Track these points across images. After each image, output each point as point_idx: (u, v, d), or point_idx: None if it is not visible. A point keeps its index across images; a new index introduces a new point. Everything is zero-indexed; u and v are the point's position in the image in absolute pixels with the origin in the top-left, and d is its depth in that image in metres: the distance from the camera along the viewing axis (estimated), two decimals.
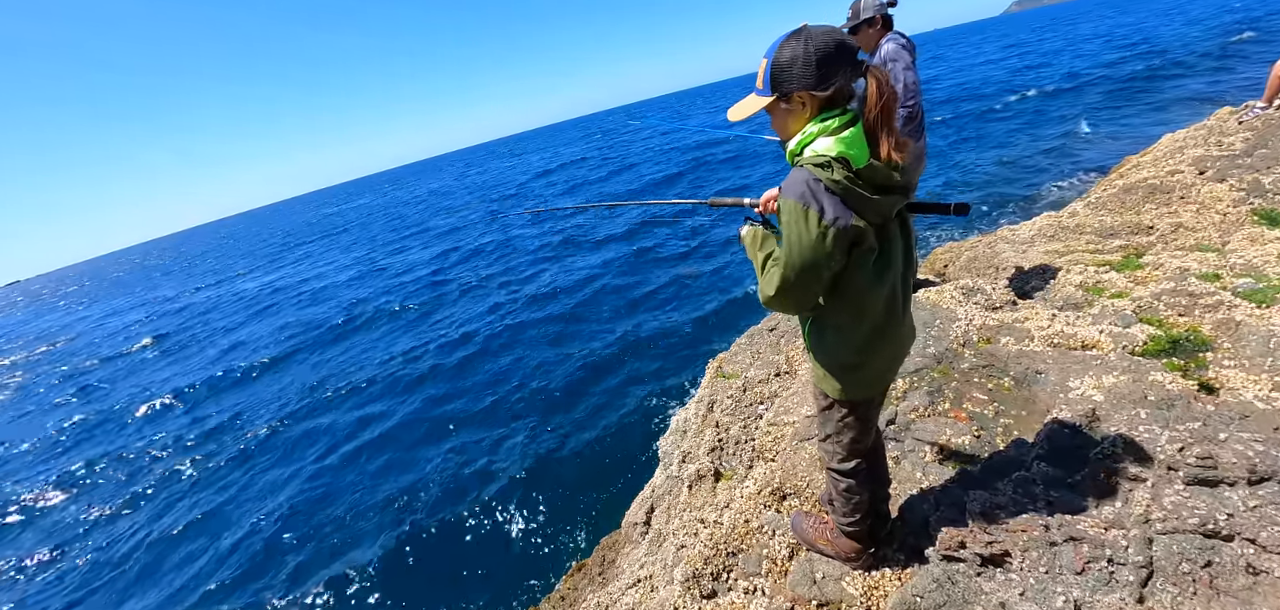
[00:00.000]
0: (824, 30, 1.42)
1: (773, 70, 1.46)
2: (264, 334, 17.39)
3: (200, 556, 7.25)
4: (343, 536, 6.94)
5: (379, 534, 6.87)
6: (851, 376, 1.66)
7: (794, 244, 1.42)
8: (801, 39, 1.41)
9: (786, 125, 1.52)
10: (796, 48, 1.41)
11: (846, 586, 2.03)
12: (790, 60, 1.42)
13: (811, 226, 1.38)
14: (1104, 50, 33.25)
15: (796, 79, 1.42)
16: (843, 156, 1.38)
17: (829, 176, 1.37)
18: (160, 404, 13.24)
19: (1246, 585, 1.63)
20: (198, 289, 33.46)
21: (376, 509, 7.32)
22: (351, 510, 7.41)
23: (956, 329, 3.32)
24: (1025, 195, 12.35)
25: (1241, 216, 4.12)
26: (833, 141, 1.40)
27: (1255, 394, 2.33)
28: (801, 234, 1.40)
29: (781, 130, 1.55)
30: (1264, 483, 1.82)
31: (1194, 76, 19.66)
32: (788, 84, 1.44)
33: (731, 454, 3.51)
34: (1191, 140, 5.78)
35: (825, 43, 1.39)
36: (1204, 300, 3.10)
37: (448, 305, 14.88)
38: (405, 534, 6.73)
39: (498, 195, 36.27)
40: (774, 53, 1.45)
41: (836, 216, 1.37)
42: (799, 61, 1.41)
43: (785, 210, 1.44)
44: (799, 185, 1.41)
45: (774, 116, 1.53)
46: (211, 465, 9.56)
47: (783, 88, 1.45)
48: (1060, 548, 1.82)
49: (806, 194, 1.38)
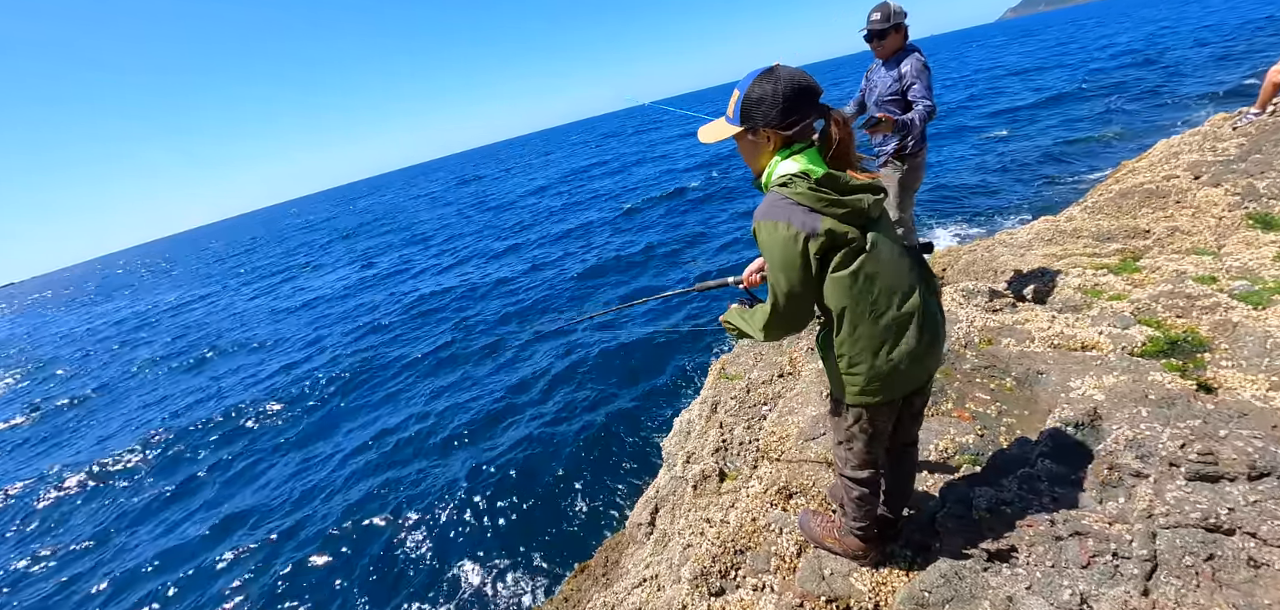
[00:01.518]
0: (791, 73, 1.53)
1: (743, 104, 1.57)
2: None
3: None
4: (339, 536, 6.94)
5: (378, 531, 6.87)
6: (854, 380, 1.64)
7: (775, 262, 1.52)
8: (772, 79, 1.52)
9: (754, 156, 1.64)
10: (766, 87, 1.52)
11: (855, 582, 2.06)
12: (759, 98, 1.53)
13: (782, 237, 1.48)
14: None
15: (763, 116, 1.54)
16: (804, 171, 1.50)
17: (792, 191, 1.48)
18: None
19: (1248, 578, 1.67)
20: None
21: (374, 507, 7.33)
22: (348, 507, 7.42)
23: (958, 331, 3.37)
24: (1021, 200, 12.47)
25: (1236, 220, 4.19)
26: (793, 161, 1.54)
27: (1253, 393, 2.38)
28: (777, 248, 1.50)
29: (749, 159, 1.67)
30: (1264, 478, 1.86)
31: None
32: (755, 119, 1.56)
33: (736, 454, 3.54)
34: (1186, 146, 5.85)
35: (792, 86, 1.51)
36: (1201, 302, 3.15)
37: (447, 312, 14.87)
38: (407, 534, 6.73)
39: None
40: (746, 87, 1.56)
41: (804, 224, 1.47)
42: (767, 100, 1.52)
43: (761, 233, 1.54)
44: (769, 207, 1.52)
45: (741, 146, 1.66)
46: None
47: (751, 122, 1.57)
48: (1065, 542, 1.86)
49: (775, 211, 1.50)
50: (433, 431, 8.91)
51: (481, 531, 6.49)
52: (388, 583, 6.11)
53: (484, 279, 17.17)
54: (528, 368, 10.36)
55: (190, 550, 7.54)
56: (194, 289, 35.69)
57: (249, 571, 6.78)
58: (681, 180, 27.07)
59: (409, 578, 6.11)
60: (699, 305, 11.20)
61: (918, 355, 1.61)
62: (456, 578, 5.95)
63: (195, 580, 6.90)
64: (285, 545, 7.08)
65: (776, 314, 1.58)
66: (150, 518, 8.58)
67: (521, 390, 9.59)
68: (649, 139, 59.41)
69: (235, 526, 7.81)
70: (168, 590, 6.84)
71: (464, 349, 11.96)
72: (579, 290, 13.94)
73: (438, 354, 12.15)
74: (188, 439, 10.95)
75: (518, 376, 10.15)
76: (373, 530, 7.00)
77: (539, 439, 8.05)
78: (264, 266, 38.70)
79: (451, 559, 6.23)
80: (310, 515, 7.53)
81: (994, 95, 28.98)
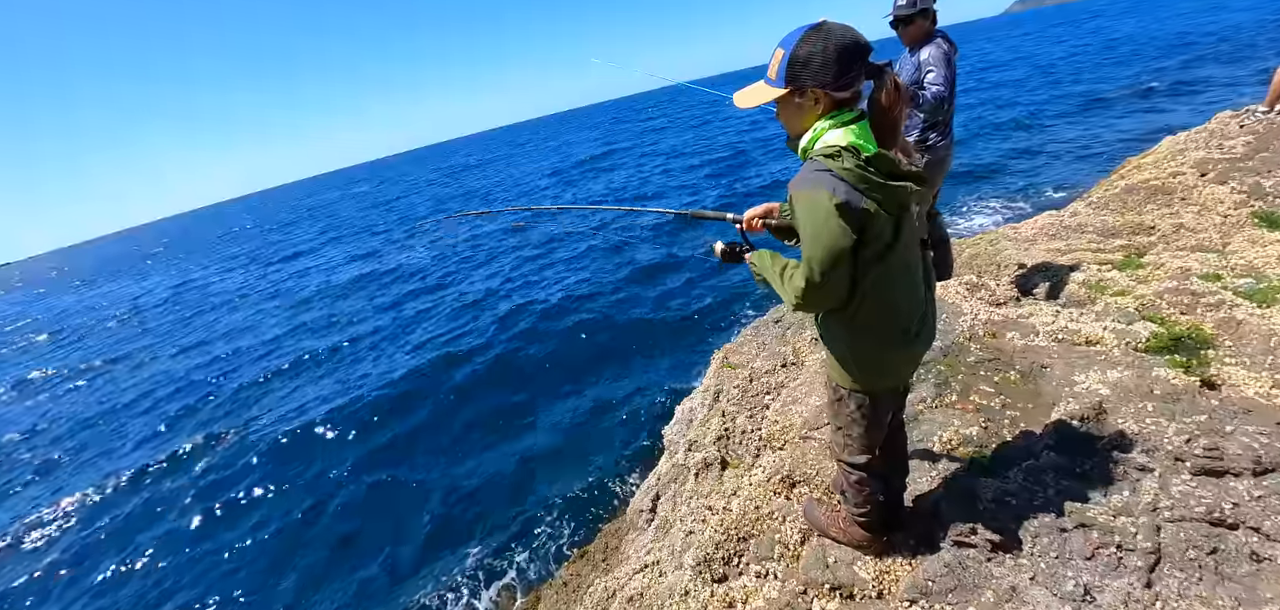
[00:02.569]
0: (843, 28, 1.42)
1: (789, 63, 1.46)
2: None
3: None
4: (343, 520, 6.97)
5: (375, 509, 6.92)
6: (862, 367, 1.67)
7: (813, 234, 1.43)
8: (821, 35, 1.42)
9: (796, 120, 1.53)
10: (815, 43, 1.42)
11: (859, 571, 2.07)
12: (809, 56, 1.43)
13: (823, 207, 1.39)
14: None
15: (814, 75, 1.43)
16: (853, 146, 1.40)
17: (839, 165, 1.39)
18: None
19: (1250, 572, 1.68)
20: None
21: (370, 485, 7.37)
22: (352, 494, 7.44)
23: (962, 323, 3.37)
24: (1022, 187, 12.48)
25: (1242, 218, 4.18)
26: (843, 133, 1.43)
27: (1257, 391, 2.39)
28: (817, 220, 1.41)
29: (790, 125, 1.56)
30: (1268, 474, 1.87)
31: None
32: (803, 79, 1.45)
33: (738, 443, 3.55)
34: (1193, 143, 5.84)
35: (845, 41, 1.40)
36: (1206, 299, 3.16)
37: (447, 302, 14.85)
38: (404, 517, 6.77)
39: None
40: (792, 45, 1.45)
41: (846, 197, 1.39)
42: (817, 58, 1.42)
43: (799, 202, 1.46)
44: (810, 176, 1.43)
45: (783, 109, 1.54)
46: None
47: (798, 82, 1.46)
48: (1070, 534, 1.87)
49: (817, 181, 1.41)
50: (434, 420, 8.93)
51: (479, 515, 6.51)
52: (384, 561, 6.13)
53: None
54: (528, 354, 10.36)
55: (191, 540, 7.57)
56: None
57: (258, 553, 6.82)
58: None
59: (405, 557, 6.14)
60: (704, 296, 11.19)
61: (922, 344, 1.67)
62: (453, 559, 5.98)
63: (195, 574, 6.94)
64: (295, 522, 7.12)
65: (811, 287, 1.46)
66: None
67: (521, 377, 9.60)
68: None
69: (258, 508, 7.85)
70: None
71: (466, 339, 11.96)
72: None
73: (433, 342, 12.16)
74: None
75: (517, 357, 10.16)
76: (370, 508, 7.04)
77: (539, 423, 8.06)
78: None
79: (448, 540, 6.26)
80: (311, 498, 7.55)
81: (1013, 87, 28.61)
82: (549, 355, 10.09)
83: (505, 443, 7.77)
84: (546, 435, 7.67)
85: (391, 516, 6.89)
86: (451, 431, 8.42)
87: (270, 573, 6.43)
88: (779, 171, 21.07)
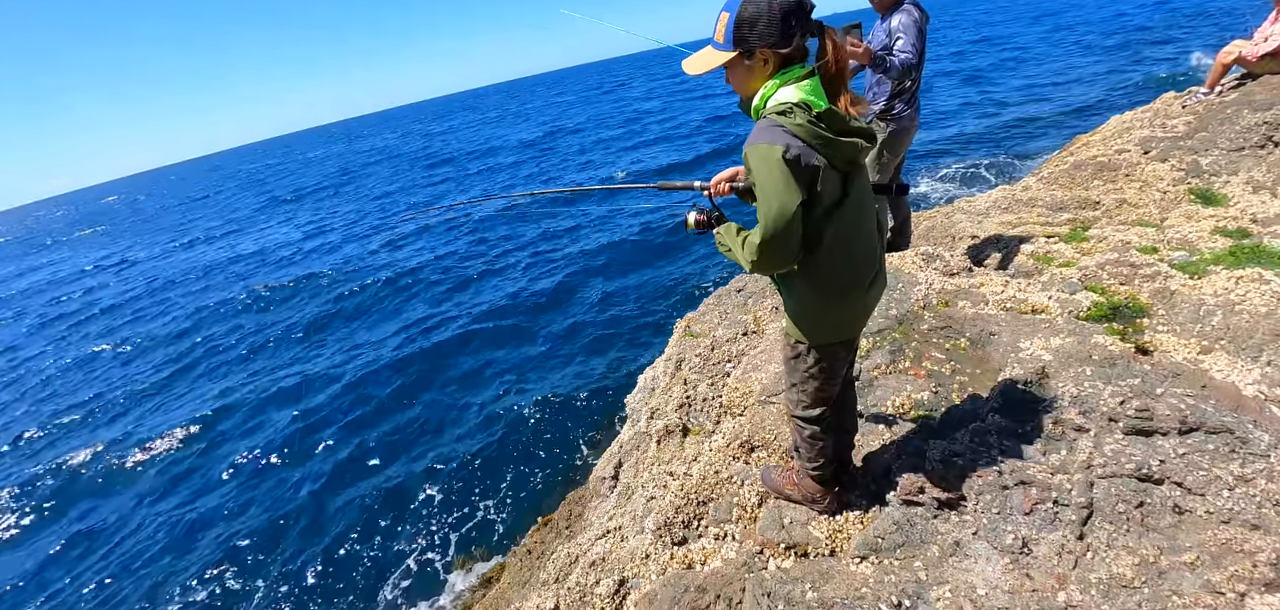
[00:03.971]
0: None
1: (736, 25, 1.47)
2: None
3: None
4: (310, 488, 6.83)
5: (342, 485, 6.79)
6: (820, 322, 1.71)
7: (766, 187, 1.44)
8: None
9: (747, 82, 1.55)
10: (759, 5, 1.44)
11: (813, 530, 2.13)
12: (754, 16, 1.45)
13: (777, 163, 1.40)
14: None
15: (760, 36, 1.46)
16: (804, 101, 1.43)
17: (791, 121, 1.42)
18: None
19: (1172, 523, 1.79)
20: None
21: (341, 459, 7.22)
22: (318, 462, 7.29)
23: (917, 293, 3.45)
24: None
25: (1179, 194, 4.38)
26: (794, 89, 1.46)
27: (1185, 356, 2.53)
28: (770, 171, 1.42)
29: (740, 87, 1.58)
30: (1192, 433, 1.98)
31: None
32: (750, 40, 1.47)
33: (699, 410, 3.59)
34: (1138, 122, 6.06)
35: (786, 1, 1.43)
36: (1143, 271, 3.31)
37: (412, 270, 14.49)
38: (367, 486, 6.67)
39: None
40: (737, 8, 1.47)
41: (799, 152, 1.41)
42: (762, 18, 1.44)
43: (753, 158, 1.46)
44: (764, 132, 1.45)
45: (732, 72, 1.56)
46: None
47: (746, 44, 1.48)
48: (1011, 491, 1.96)
49: (770, 136, 1.43)
50: (397, 383, 8.78)
51: (442, 486, 6.46)
52: (344, 535, 6.05)
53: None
54: (491, 322, 10.24)
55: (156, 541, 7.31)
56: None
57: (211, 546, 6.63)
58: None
59: (366, 530, 6.07)
60: (666, 265, 11.21)
61: (875, 296, 1.73)
62: (416, 531, 5.94)
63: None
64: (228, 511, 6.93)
65: (765, 244, 1.48)
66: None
67: (484, 344, 9.49)
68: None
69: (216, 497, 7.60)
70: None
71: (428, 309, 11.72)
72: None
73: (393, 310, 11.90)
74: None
75: (481, 327, 10.03)
76: (326, 484, 6.89)
77: (502, 394, 8.01)
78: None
79: (411, 512, 6.20)
80: (271, 479, 7.36)
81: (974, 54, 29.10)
82: (509, 329, 9.99)
83: (468, 416, 7.71)
84: (509, 407, 7.63)
85: (353, 489, 6.79)
86: (413, 407, 8.29)
87: (232, 555, 6.28)
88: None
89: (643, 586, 2.40)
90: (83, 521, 7.27)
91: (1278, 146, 4.53)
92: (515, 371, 8.56)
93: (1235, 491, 1.80)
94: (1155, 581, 1.65)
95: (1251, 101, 5.04)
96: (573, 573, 2.88)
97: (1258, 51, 5.55)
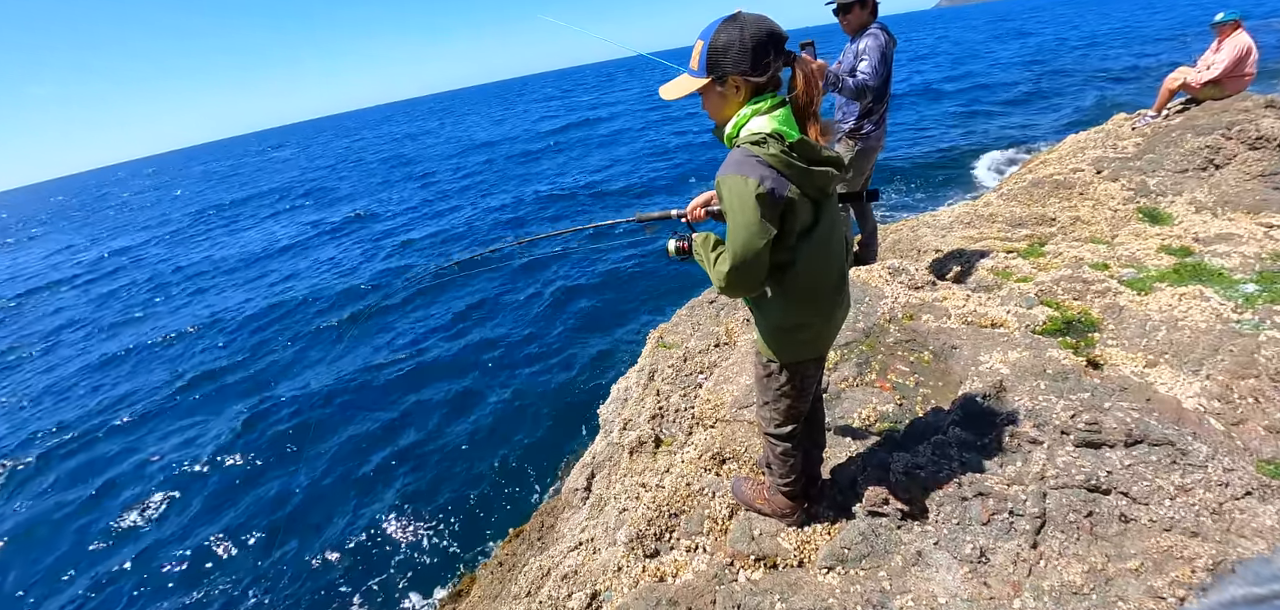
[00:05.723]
0: (757, 18, 1.50)
1: (709, 53, 1.52)
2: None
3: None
4: (271, 496, 6.65)
5: (306, 495, 6.63)
6: (791, 340, 1.76)
7: (737, 219, 1.50)
8: (737, 25, 1.48)
9: (720, 108, 1.60)
10: (732, 33, 1.48)
11: (782, 541, 2.18)
12: (726, 45, 1.49)
13: (749, 194, 1.45)
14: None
15: (732, 63, 1.49)
16: (777, 132, 1.48)
17: (764, 152, 1.46)
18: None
19: (1119, 531, 1.88)
20: None
21: (304, 468, 7.05)
22: (280, 472, 7.10)
23: (884, 306, 3.55)
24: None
25: (1129, 213, 4.60)
26: (767, 120, 1.51)
27: (1132, 370, 2.66)
28: (743, 205, 1.47)
29: (714, 112, 1.63)
30: (1138, 445, 2.09)
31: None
32: (723, 68, 1.51)
33: (671, 421, 3.62)
34: (1092, 142, 6.35)
35: (759, 30, 1.47)
36: (1095, 287, 3.46)
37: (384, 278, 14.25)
38: (332, 495, 6.53)
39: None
40: (710, 36, 1.51)
41: (772, 185, 1.46)
42: (735, 47, 1.48)
43: (726, 187, 1.51)
44: (738, 163, 1.49)
45: (707, 98, 1.61)
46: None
47: (719, 71, 1.52)
48: (970, 502, 2.03)
49: (744, 168, 1.47)
50: (366, 391, 8.61)
51: (410, 497, 6.36)
52: (314, 550, 5.91)
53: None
54: (463, 333, 10.13)
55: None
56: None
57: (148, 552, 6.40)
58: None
59: (335, 543, 5.94)
60: (640, 277, 11.25)
61: (842, 313, 1.79)
62: (383, 542, 5.83)
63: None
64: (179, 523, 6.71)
65: (736, 270, 1.54)
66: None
67: (457, 355, 9.38)
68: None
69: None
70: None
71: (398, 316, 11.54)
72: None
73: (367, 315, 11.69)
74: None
75: (454, 341, 9.92)
76: (288, 493, 6.72)
77: (475, 404, 7.93)
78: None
79: (381, 525, 6.08)
80: (217, 487, 7.14)
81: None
82: (483, 340, 9.89)
83: (442, 429, 7.59)
84: (481, 419, 7.55)
85: (317, 499, 6.63)
86: (379, 414, 8.13)
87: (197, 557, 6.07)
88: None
89: (615, 599, 2.41)
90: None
91: (1218, 169, 4.79)
92: (486, 382, 8.47)
93: (1176, 500, 1.90)
94: (1103, 588, 1.74)
95: (1195, 126, 5.32)
96: (545, 585, 2.88)
97: (1200, 78, 5.87)
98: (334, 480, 6.96)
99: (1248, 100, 5.54)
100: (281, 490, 6.93)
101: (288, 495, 6.84)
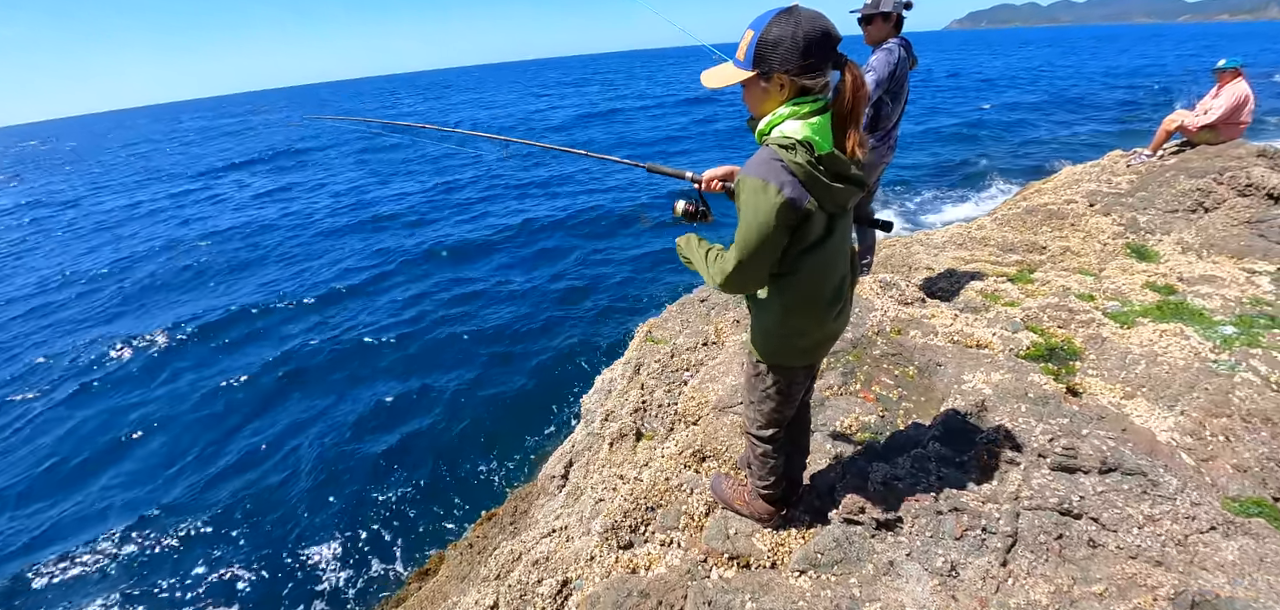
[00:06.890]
0: (814, 15, 1.42)
1: (758, 46, 1.44)
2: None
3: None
4: (249, 475, 6.57)
5: (276, 468, 6.56)
6: (783, 345, 1.74)
7: (750, 220, 1.46)
8: (792, 20, 1.40)
9: (760, 103, 1.52)
10: (785, 28, 1.40)
11: (756, 542, 2.18)
12: (777, 40, 1.41)
13: (769, 200, 1.41)
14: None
15: (780, 60, 1.42)
16: (808, 140, 1.41)
17: (791, 158, 1.40)
18: None
19: (1087, 555, 1.91)
20: None
21: (284, 448, 6.97)
22: (259, 450, 7.01)
23: (873, 318, 3.57)
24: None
25: (1117, 248, 4.66)
26: (801, 125, 1.43)
27: (1109, 400, 2.69)
28: (759, 209, 1.43)
29: (753, 106, 1.56)
30: (1111, 473, 2.12)
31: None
32: (770, 64, 1.43)
33: (654, 416, 3.62)
34: (1087, 175, 6.42)
35: (814, 29, 1.39)
36: (1079, 316, 3.50)
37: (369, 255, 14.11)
38: (305, 467, 6.47)
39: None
40: (762, 28, 1.43)
41: (792, 194, 1.41)
42: (785, 43, 1.40)
43: (745, 188, 1.47)
44: (761, 165, 1.44)
45: (749, 91, 1.54)
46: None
47: (765, 66, 1.45)
48: (945, 516, 2.05)
49: (768, 172, 1.42)
50: (347, 370, 8.53)
51: (386, 476, 6.32)
52: (279, 520, 5.85)
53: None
54: (451, 309, 10.07)
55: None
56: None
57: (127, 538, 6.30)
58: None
59: (308, 516, 5.88)
60: (631, 269, 11.24)
61: (839, 327, 1.76)
62: (353, 517, 5.78)
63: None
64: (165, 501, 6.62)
65: (738, 270, 1.51)
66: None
67: (441, 335, 9.32)
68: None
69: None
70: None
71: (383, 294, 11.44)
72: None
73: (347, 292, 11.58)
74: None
75: (439, 314, 9.86)
76: (259, 468, 6.63)
77: (453, 384, 7.88)
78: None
79: (349, 497, 6.03)
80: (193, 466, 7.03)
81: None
82: (466, 316, 9.85)
83: (417, 407, 7.55)
84: (459, 400, 7.53)
85: (287, 471, 6.56)
86: (358, 389, 8.07)
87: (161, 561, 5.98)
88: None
89: (586, 588, 2.40)
90: None
91: (1207, 212, 4.86)
92: (466, 362, 8.43)
93: (1144, 529, 1.93)
94: (1067, 609, 1.76)
95: (1188, 168, 5.39)
96: (515, 570, 2.87)
97: (1198, 122, 5.95)
98: (301, 447, 6.89)
99: (1241, 147, 5.62)
100: (249, 458, 6.85)
101: (254, 462, 6.77)
